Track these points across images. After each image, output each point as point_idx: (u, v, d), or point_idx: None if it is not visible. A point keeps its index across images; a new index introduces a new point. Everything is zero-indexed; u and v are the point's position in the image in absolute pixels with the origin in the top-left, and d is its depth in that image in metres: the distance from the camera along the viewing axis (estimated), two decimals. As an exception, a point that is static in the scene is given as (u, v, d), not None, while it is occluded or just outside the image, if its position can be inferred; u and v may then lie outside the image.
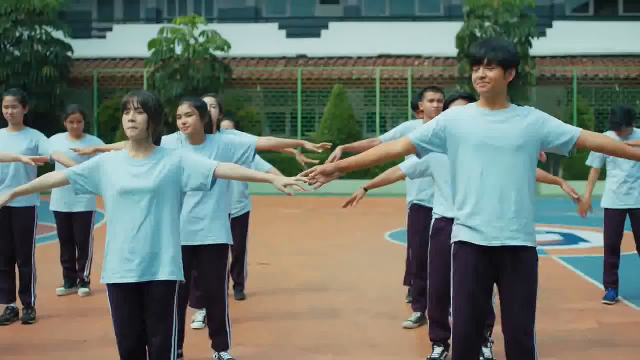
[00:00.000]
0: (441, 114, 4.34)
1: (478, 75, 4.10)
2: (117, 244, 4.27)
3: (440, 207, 5.72)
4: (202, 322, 6.73)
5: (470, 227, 4.14)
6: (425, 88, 6.84)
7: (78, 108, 7.98)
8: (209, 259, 5.48)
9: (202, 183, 4.32)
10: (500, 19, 22.62)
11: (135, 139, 4.29)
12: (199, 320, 6.79)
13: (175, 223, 4.34)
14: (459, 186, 4.20)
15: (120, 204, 4.26)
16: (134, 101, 4.24)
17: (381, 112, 24.87)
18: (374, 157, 4.28)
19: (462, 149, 4.16)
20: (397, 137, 6.73)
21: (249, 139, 5.60)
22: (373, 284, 8.84)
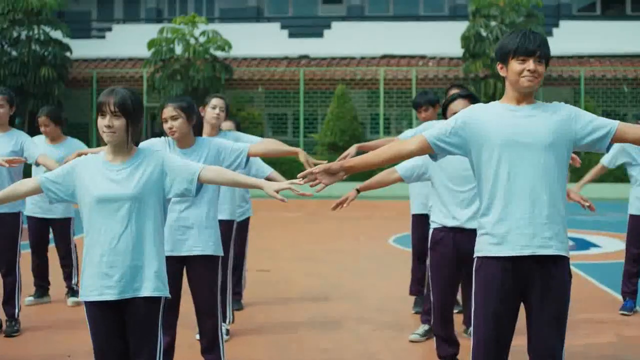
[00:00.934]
0: (461, 111, 3.91)
1: (527, 68, 3.66)
2: (95, 257, 3.88)
3: (438, 214, 5.34)
4: (225, 334, 6.35)
5: (497, 235, 3.71)
6: (451, 86, 6.48)
7: (47, 111, 7.55)
8: (198, 271, 5.11)
9: (186, 188, 3.92)
10: (506, 18, 22.41)
11: (113, 144, 3.89)
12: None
13: (158, 233, 3.94)
14: (483, 190, 3.78)
15: (97, 212, 3.87)
16: (110, 104, 3.83)
17: (385, 113, 24.72)
18: (384, 156, 3.85)
19: (486, 148, 3.74)
20: None
21: (240, 146, 5.20)
22: (377, 293, 8.47)
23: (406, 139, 3.94)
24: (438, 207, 5.31)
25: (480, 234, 3.80)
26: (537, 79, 3.68)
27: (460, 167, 5.15)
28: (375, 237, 13.29)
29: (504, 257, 3.69)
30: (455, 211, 5.24)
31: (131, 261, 3.85)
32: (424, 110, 6.99)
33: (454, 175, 5.26)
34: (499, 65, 3.78)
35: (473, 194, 5.17)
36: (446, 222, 5.24)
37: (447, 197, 5.26)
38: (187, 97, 5.22)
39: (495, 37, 22.26)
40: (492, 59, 22.08)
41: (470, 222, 5.17)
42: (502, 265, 3.69)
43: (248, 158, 5.15)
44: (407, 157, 3.90)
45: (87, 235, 3.93)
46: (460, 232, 5.23)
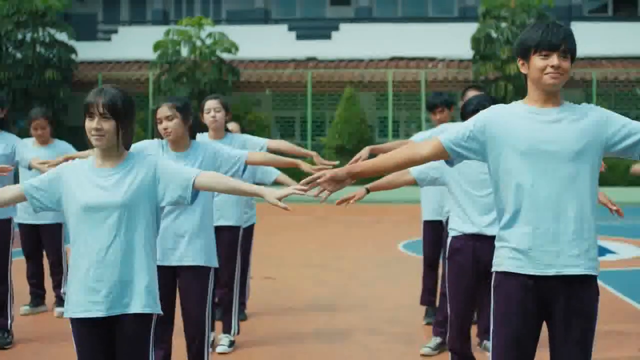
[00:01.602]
0: (480, 112, 3.57)
1: (550, 64, 3.32)
2: (81, 270, 3.57)
3: (457, 221, 5.00)
4: (227, 346, 6.16)
5: (518, 250, 3.38)
6: (468, 86, 6.17)
7: (42, 112, 7.30)
8: (187, 282, 4.82)
9: (180, 195, 3.61)
10: (517, 20, 22.15)
11: (102, 148, 3.58)
12: (222, 344, 6.18)
13: (150, 244, 3.63)
14: (503, 201, 3.43)
15: (84, 222, 3.56)
16: (99, 105, 3.52)
17: (393, 116, 24.51)
18: (395, 161, 3.51)
19: (506, 155, 3.39)
20: None
21: (238, 152, 4.92)
22: (386, 302, 8.16)
23: (420, 143, 3.60)
24: (456, 213, 4.98)
25: (500, 247, 3.47)
26: (562, 76, 3.33)
27: (479, 170, 4.81)
28: (385, 242, 13.01)
29: (525, 274, 3.36)
30: (474, 217, 4.90)
31: (120, 275, 3.56)
32: (439, 112, 6.67)
33: (472, 179, 4.92)
34: (519, 61, 3.44)
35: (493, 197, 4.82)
36: (465, 229, 4.90)
37: (466, 202, 4.92)
38: (183, 97, 4.93)
39: (506, 39, 21.99)
40: (502, 60, 21.86)
41: (490, 229, 4.83)
42: (524, 282, 3.36)
43: (246, 166, 4.86)
44: (420, 162, 3.57)
45: (73, 246, 3.63)
46: (480, 239, 4.89)
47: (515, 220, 3.37)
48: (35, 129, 7.23)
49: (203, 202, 4.77)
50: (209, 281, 4.84)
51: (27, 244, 7.53)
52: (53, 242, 7.43)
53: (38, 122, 7.21)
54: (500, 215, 3.46)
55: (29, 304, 7.52)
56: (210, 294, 4.87)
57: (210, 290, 4.86)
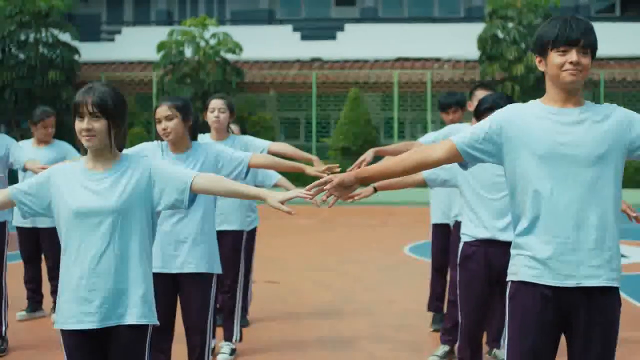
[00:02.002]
0: (495, 112, 3.37)
1: (569, 60, 3.13)
2: (73, 279, 3.39)
3: (469, 225, 4.80)
4: (229, 354, 5.98)
5: (535, 259, 3.18)
6: (476, 85, 5.96)
7: (52, 111, 7.22)
8: (189, 290, 4.64)
9: (177, 199, 3.42)
10: (523, 20, 21.99)
11: (94, 149, 3.39)
12: (224, 352, 6.00)
13: (145, 252, 3.45)
14: (520, 207, 3.24)
15: (76, 228, 3.38)
16: (88, 103, 3.33)
17: (399, 117, 24.34)
18: (405, 164, 3.31)
19: (523, 158, 3.19)
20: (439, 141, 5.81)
21: (240, 155, 4.74)
22: (392, 308, 7.98)
23: (432, 145, 3.40)
24: (468, 217, 4.78)
25: (516, 255, 3.27)
26: (581, 73, 3.14)
27: (493, 172, 4.60)
28: (391, 246, 12.82)
29: (543, 286, 3.17)
30: (487, 221, 4.69)
31: (114, 284, 3.38)
32: (452, 112, 6.48)
33: (486, 182, 4.71)
34: (537, 58, 3.25)
35: (507, 201, 4.62)
36: (478, 234, 4.70)
37: (479, 206, 4.71)
38: (183, 96, 4.75)
39: (513, 39, 21.80)
40: (509, 61, 21.66)
41: (504, 234, 4.63)
42: (542, 293, 3.17)
43: (249, 169, 4.67)
44: (432, 165, 3.37)
45: (64, 254, 3.45)
46: (493, 244, 4.68)
47: (533, 228, 3.18)
48: (45, 127, 7.13)
49: (204, 206, 4.59)
50: (211, 288, 4.67)
51: (25, 248, 7.38)
52: (52, 246, 7.24)
53: (49, 120, 7.17)
54: (516, 221, 3.27)
55: (25, 309, 7.35)
56: (213, 301, 4.70)
57: (212, 298, 4.69)
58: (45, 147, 7.16)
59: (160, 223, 4.45)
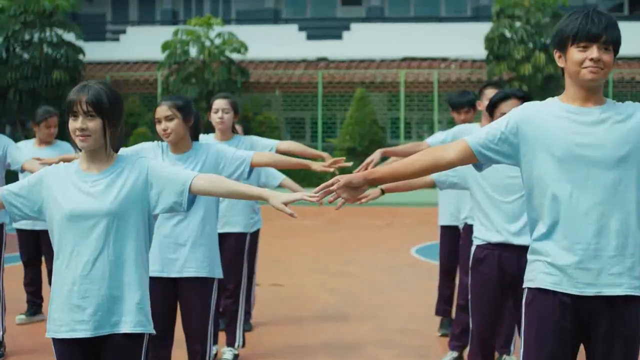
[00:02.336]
0: (512, 110, 3.19)
1: (589, 56, 2.96)
2: (65, 285, 3.25)
3: (481, 229, 4.63)
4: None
5: (554, 265, 3.02)
6: (485, 84, 5.78)
7: (54, 110, 7.11)
8: (189, 295, 4.49)
9: (175, 202, 3.26)
10: (531, 19, 21.82)
11: (89, 149, 3.24)
12: (226, 358, 5.87)
13: (142, 257, 3.30)
14: (537, 210, 3.08)
15: (69, 231, 3.24)
16: (82, 102, 3.18)
17: (406, 117, 24.22)
18: (416, 166, 3.15)
19: (541, 160, 3.03)
20: (449, 141, 5.64)
21: (243, 154, 4.58)
22: (399, 312, 7.81)
23: (444, 146, 3.23)
24: (480, 221, 4.61)
25: (533, 260, 3.11)
26: (602, 71, 2.97)
27: (504, 173, 4.42)
28: (397, 247, 12.67)
29: (562, 292, 3.01)
30: (500, 225, 4.52)
31: (108, 290, 3.22)
32: (464, 112, 6.33)
33: (498, 184, 4.53)
34: (556, 53, 3.08)
35: (520, 204, 4.45)
36: (490, 238, 4.52)
37: (490, 209, 4.54)
38: (183, 95, 4.60)
39: (520, 39, 21.64)
40: (517, 61, 21.49)
41: (517, 238, 4.46)
42: (560, 300, 3.01)
43: (252, 168, 4.51)
44: (445, 167, 3.20)
45: (56, 259, 3.31)
46: (506, 249, 4.51)
47: (552, 233, 3.02)
48: (48, 127, 7.03)
49: (205, 207, 4.44)
50: (212, 293, 4.51)
51: (26, 250, 7.24)
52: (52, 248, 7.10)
53: (52, 120, 7.08)
54: (533, 225, 3.11)
55: (25, 313, 7.21)
56: (214, 306, 4.55)
57: (213, 303, 4.54)
58: (47, 148, 7.03)
59: (159, 225, 4.31)
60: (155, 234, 4.29)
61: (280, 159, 4.75)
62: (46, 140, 7.07)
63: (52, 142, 7.09)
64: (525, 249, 4.28)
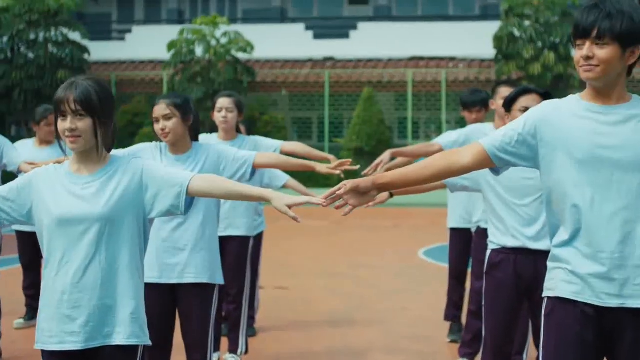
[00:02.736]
0: (529, 110, 3.00)
1: (582, 54, 2.78)
2: (54, 294, 3.07)
3: (496, 233, 4.42)
4: None
5: (575, 274, 2.84)
6: (499, 82, 5.58)
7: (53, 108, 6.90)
8: (189, 302, 4.28)
9: (172, 205, 3.08)
10: (540, 18, 21.60)
11: (79, 151, 3.06)
12: None
13: (136, 264, 3.12)
14: (557, 216, 2.89)
15: (58, 237, 3.06)
16: (70, 101, 3.00)
17: (413, 117, 24.05)
18: (429, 172, 2.96)
19: (560, 162, 2.84)
20: (461, 142, 5.44)
21: (244, 154, 4.39)
22: (407, 316, 7.62)
23: (457, 150, 3.02)
24: (494, 225, 4.40)
25: (554, 268, 2.92)
26: (597, 68, 2.76)
27: (518, 175, 4.22)
28: (404, 249, 12.48)
29: (584, 302, 2.82)
30: (515, 229, 4.31)
31: (100, 299, 3.05)
32: (476, 112, 6.12)
33: (512, 186, 4.31)
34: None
35: (537, 206, 4.24)
36: (505, 242, 4.32)
37: (505, 212, 4.33)
38: (183, 94, 4.41)
39: (529, 37, 21.41)
40: (526, 60, 21.31)
41: (534, 242, 4.25)
42: (582, 311, 2.82)
43: (254, 169, 4.32)
44: (459, 172, 3.00)
45: (46, 266, 3.13)
46: (522, 253, 4.31)
47: (574, 240, 2.83)
48: (48, 125, 6.86)
49: (205, 210, 4.25)
50: (213, 300, 4.31)
51: (25, 253, 7.06)
52: None
53: (52, 117, 6.87)
54: (553, 231, 2.92)
55: (23, 317, 7.03)
56: (214, 314, 4.35)
57: (214, 311, 4.34)
58: (47, 147, 6.85)
59: (157, 229, 4.13)
60: (153, 238, 4.12)
61: (283, 160, 4.54)
62: (47, 139, 6.89)
63: (52, 142, 6.90)
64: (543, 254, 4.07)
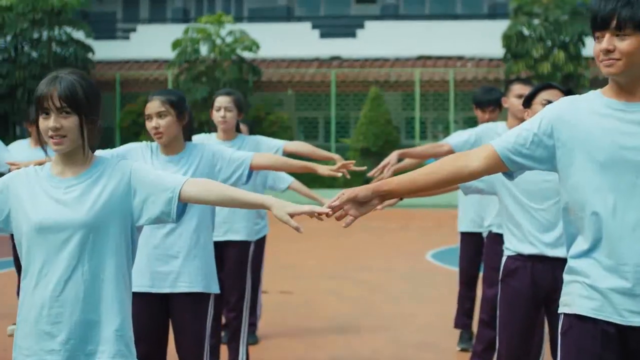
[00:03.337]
0: (545, 108, 2.74)
1: (601, 47, 2.53)
2: (33, 308, 2.82)
3: (511, 239, 4.16)
4: None
5: (595, 288, 2.58)
6: (512, 80, 5.31)
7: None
8: (182, 313, 4.01)
9: (163, 211, 2.82)
10: (550, 16, 21.37)
11: (64, 152, 2.80)
12: None
13: (122, 275, 2.86)
14: (575, 224, 2.64)
15: (38, 246, 2.80)
16: (54, 97, 2.75)
17: (421, 117, 23.88)
18: (436, 177, 2.71)
19: (579, 165, 2.59)
20: (472, 142, 5.17)
21: (241, 155, 4.11)
22: (414, 322, 7.36)
23: (467, 152, 2.76)
24: (510, 230, 4.13)
25: (571, 281, 2.66)
26: (619, 62, 2.52)
27: (537, 177, 3.95)
28: (412, 252, 12.24)
29: (605, 320, 2.57)
30: (533, 235, 4.04)
31: (82, 315, 2.78)
32: (490, 111, 5.86)
33: (530, 189, 4.04)
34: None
35: (556, 210, 3.97)
36: (522, 249, 4.05)
37: (521, 217, 4.06)
38: (177, 90, 4.14)
39: (539, 36, 21.17)
40: (535, 59, 21.07)
41: (552, 249, 3.99)
42: (602, 330, 2.57)
43: (251, 171, 4.06)
44: (469, 178, 2.74)
45: (24, 277, 2.87)
46: (540, 261, 4.04)
47: (593, 251, 2.58)
48: None
49: (199, 215, 3.98)
50: (208, 311, 4.05)
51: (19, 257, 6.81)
52: None
53: None
54: (570, 240, 2.66)
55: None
56: (210, 325, 4.09)
57: (209, 322, 4.07)
58: (40, 148, 6.59)
59: (147, 235, 3.87)
60: (144, 244, 3.87)
61: (282, 162, 4.26)
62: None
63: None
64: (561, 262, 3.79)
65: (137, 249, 3.15)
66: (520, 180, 3.85)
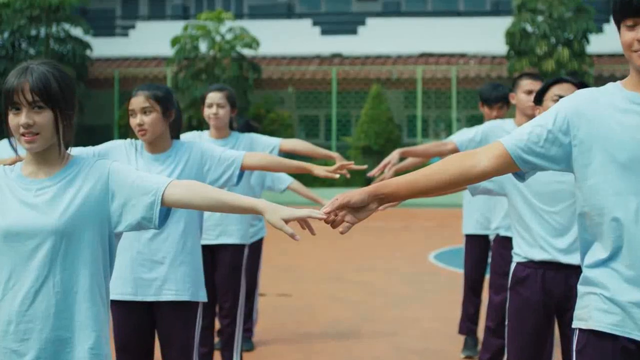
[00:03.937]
0: (560, 101, 2.49)
1: (633, 37, 2.31)
2: (0, 324, 2.55)
3: (521, 244, 3.90)
4: None
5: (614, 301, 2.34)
6: (520, 74, 5.06)
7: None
8: (168, 323, 3.76)
9: (144, 217, 2.57)
10: (554, 13, 21.25)
11: (37, 150, 2.55)
12: None
13: (98, 288, 2.62)
14: (592, 230, 2.40)
15: (5, 254, 2.56)
16: (25, 90, 2.50)
17: (423, 115, 23.78)
18: (440, 178, 2.46)
19: (598, 166, 2.34)
20: (477, 140, 4.93)
21: (232, 154, 3.86)
22: (417, 327, 7.13)
23: (473, 151, 2.50)
24: (520, 235, 3.87)
25: (586, 293, 2.41)
26: None
27: (549, 178, 3.69)
28: (414, 252, 12.03)
29: (625, 337, 2.33)
30: (544, 240, 3.78)
31: (53, 331, 2.54)
32: (497, 108, 5.63)
33: (541, 190, 3.78)
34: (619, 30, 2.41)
35: (570, 214, 3.71)
36: (533, 255, 3.79)
37: (532, 220, 3.80)
38: (164, 85, 3.87)
39: (543, 33, 21.03)
40: (539, 56, 20.90)
41: (565, 255, 3.73)
42: (623, 348, 2.33)
43: (242, 172, 3.80)
44: (476, 179, 2.48)
45: (-9, 288, 2.60)
46: (552, 268, 3.78)
47: (612, 260, 2.34)
48: None
49: (186, 218, 3.73)
50: (196, 320, 3.79)
51: None
52: None
53: None
54: (586, 247, 2.42)
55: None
56: (198, 335, 3.83)
57: (197, 331, 3.82)
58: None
59: (131, 239, 3.62)
60: (127, 248, 3.62)
61: (276, 162, 3.99)
62: None
63: None
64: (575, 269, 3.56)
65: (120, 254, 2.92)
66: (532, 181, 3.58)
